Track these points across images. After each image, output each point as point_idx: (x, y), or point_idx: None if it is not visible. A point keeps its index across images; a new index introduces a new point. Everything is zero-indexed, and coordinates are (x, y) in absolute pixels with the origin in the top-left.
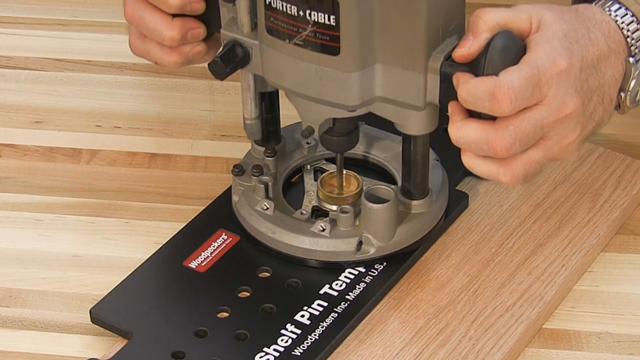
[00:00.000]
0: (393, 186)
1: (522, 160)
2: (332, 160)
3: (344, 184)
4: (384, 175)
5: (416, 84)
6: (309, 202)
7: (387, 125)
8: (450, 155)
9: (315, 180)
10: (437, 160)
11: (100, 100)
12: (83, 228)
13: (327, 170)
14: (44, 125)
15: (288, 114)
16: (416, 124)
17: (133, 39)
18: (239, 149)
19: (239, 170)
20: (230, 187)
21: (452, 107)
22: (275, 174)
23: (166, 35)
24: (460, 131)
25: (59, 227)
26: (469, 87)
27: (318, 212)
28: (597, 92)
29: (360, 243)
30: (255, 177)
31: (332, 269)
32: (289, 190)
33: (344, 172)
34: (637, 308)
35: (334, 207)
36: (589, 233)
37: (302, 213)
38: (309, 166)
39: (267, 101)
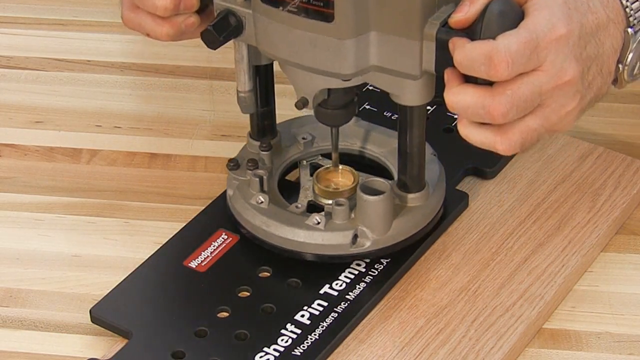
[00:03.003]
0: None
1: (520, 128)
2: (328, 156)
3: (340, 178)
4: (381, 171)
5: (412, 52)
6: (305, 197)
7: (383, 121)
8: (450, 155)
9: (311, 175)
10: (434, 155)
11: (100, 100)
12: (83, 228)
13: (323, 166)
14: (44, 125)
15: (284, 113)
16: (412, 94)
17: (125, 12)
18: (239, 149)
19: (234, 164)
20: None
21: (448, 74)
22: (270, 168)
23: (159, 5)
24: (457, 96)
25: (59, 227)
26: (465, 51)
27: (313, 207)
28: (596, 61)
29: (355, 236)
30: (250, 171)
31: (332, 268)
32: (285, 187)
33: (340, 167)
34: (637, 308)
35: (330, 202)
36: (589, 233)
37: (297, 207)
38: (304, 161)
39: (262, 75)
